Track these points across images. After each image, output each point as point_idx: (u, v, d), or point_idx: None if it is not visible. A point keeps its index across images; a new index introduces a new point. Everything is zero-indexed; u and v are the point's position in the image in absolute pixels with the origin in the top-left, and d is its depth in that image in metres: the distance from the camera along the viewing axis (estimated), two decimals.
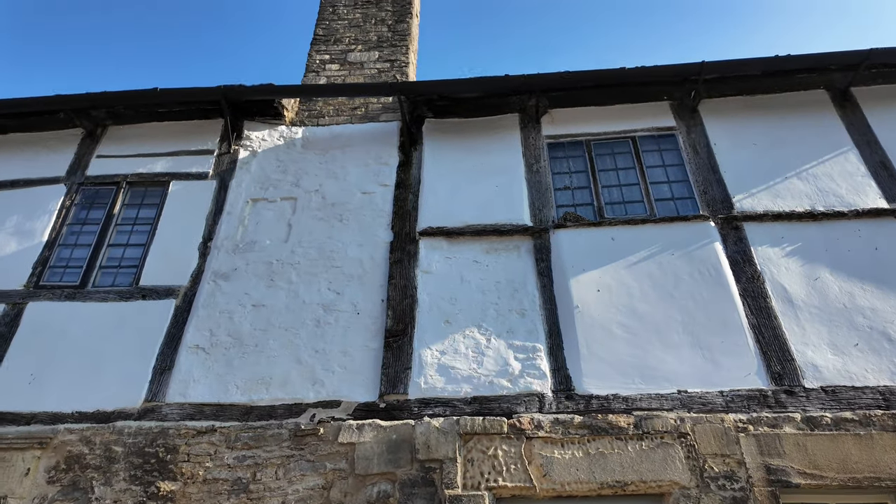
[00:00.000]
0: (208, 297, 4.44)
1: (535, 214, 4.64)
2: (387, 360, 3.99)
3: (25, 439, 3.86)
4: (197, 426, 3.83)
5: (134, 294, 4.52)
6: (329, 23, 6.56)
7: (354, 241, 4.67)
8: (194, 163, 5.26)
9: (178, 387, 4.02)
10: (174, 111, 5.43)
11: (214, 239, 4.79)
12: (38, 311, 4.48)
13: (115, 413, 3.95)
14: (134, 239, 4.93)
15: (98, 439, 3.84)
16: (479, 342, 3.99)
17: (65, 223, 5.01)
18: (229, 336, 4.24)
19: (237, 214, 4.92)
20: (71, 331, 4.36)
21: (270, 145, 5.39)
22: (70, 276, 4.72)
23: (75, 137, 5.53)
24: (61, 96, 5.27)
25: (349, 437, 3.63)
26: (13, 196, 5.18)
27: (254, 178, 5.16)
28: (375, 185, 5.01)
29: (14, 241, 4.88)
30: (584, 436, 3.51)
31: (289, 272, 4.54)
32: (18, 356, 4.26)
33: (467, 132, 5.31)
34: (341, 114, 5.65)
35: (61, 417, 3.97)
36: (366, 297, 4.36)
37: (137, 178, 5.22)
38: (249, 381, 4.01)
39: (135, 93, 5.24)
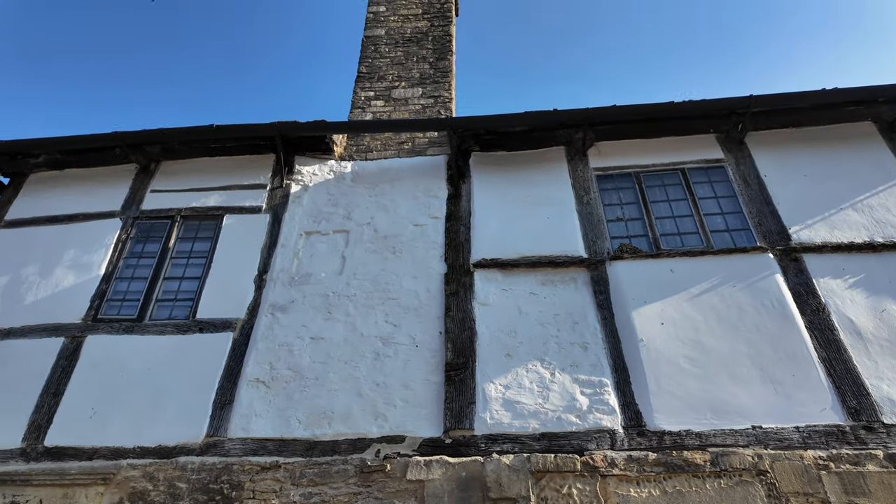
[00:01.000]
0: (266, 330, 4.46)
1: (590, 246, 4.65)
2: (449, 395, 3.95)
3: (88, 475, 3.84)
4: (261, 462, 3.79)
5: (191, 327, 4.55)
6: (372, 61, 6.74)
7: (409, 273, 4.69)
8: (247, 197, 5.35)
9: (239, 421, 3.99)
10: (227, 146, 5.57)
11: (270, 271, 4.84)
12: (96, 345, 4.52)
13: (178, 448, 3.93)
14: (189, 272, 4.99)
15: (161, 475, 3.80)
16: (543, 376, 3.95)
17: (121, 257, 5.09)
18: (289, 369, 4.23)
19: (291, 247, 4.98)
20: (130, 364, 4.38)
21: (321, 179, 5.49)
22: (127, 310, 4.77)
23: (129, 172, 5.67)
24: (118, 133, 5.43)
25: (417, 474, 3.57)
26: (71, 230, 5.28)
27: (306, 211, 5.24)
28: (426, 218, 5.07)
29: (72, 274, 4.96)
30: (660, 473, 3.43)
31: (345, 304, 4.55)
32: (79, 390, 4.28)
33: (513, 165, 5.38)
34: (389, 148, 5.76)
35: (123, 452, 3.95)
36: (423, 330, 4.35)
37: (192, 211, 5.31)
38: (311, 416, 3.98)
39: (190, 129, 5.39)
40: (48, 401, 4.23)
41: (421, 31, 7.03)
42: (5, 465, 3.97)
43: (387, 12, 7.29)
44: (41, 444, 4.03)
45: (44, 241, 5.23)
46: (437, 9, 7.27)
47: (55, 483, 3.85)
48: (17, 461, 3.98)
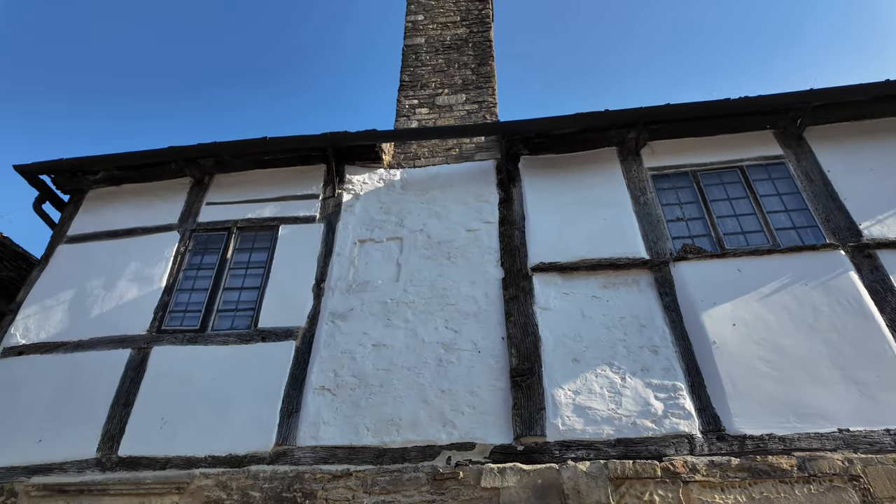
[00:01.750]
0: (328, 338, 4.48)
1: (651, 247, 4.56)
2: (518, 401, 3.90)
3: (163, 484, 3.89)
4: (332, 470, 3.79)
5: (254, 336, 4.59)
6: (414, 69, 6.79)
7: (466, 279, 4.67)
8: (301, 207, 5.41)
9: (308, 429, 4.01)
10: (279, 158, 5.64)
11: (327, 280, 4.87)
12: (162, 356, 4.59)
13: (248, 457, 3.96)
14: (248, 282, 5.05)
15: (234, 484, 3.83)
16: (614, 381, 3.88)
17: (181, 269, 5.19)
18: (354, 377, 4.24)
19: (347, 255, 5.01)
20: (195, 374, 4.44)
21: (371, 188, 5.52)
22: (190, 321, 4.85)
23: (184, 186, 5.79)
24: (174, 148, 5.55)
25: (492, 482, 3.53)
26: (131, 244, 5.40)
27: (359, 219, 5.27)
28: (479, 223, 5.05)
29: (135, 287, 5.06)
30: (745, 479, 3.32)
31: (404, 311, 4.55)
32: (148, 400, 4.35)
33: (564, 167, 5.34)
34: (436, 155, 5.77)
35: (195, 462, 3.99)
36: (485, 336, 4.32)
37: (247, 223, 5.39)
38: (379, 423, 3.97)
39: (243, 142, 5.48)
40: (119, 411, 4.31)
41: (460, 38, 7.05)
42: (82, 474, 4.05)
43: (425, 21, 7.34)
44: (115, 454, 4.10)
45: (105, 255, 5.36)
46: (475, 15, 7.29)
47: (131, 492, 3.91)
48: (94, 471, 4.05)
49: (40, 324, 4.96)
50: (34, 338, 4.88)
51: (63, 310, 5.02)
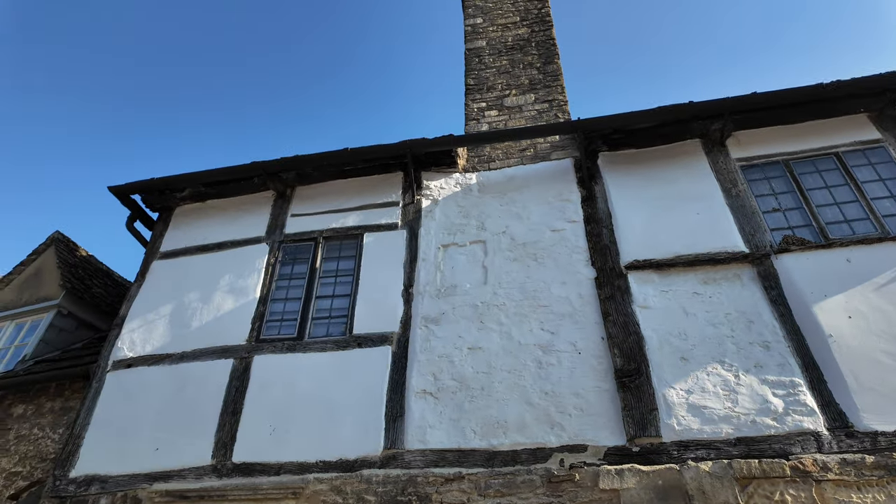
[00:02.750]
0: (424, 342, 4.54)
1: (748, 240, 4.44)
2: (627, 402, 3.86)
3: (279, 489, 4.02)
4: (444, 473, 3.84)
5: (350, 343, 4.69)
6: (478, 72, 6.81)
7: (556, 280, 4.65)
8: (382, 215, 5.50)
9: (415, 433, 4.07)
10: (358, 168, 5.75)
11: (415, 285, 4.93)
12: (263, 364, 4.74)
13: (359, 461, 4.04)
14: (339, 290, 5.17)
15: (348, 488, 3.93)
16: (727, 379, 3.79)
17: (272, 279, 5.35)
18: (454, 380, 4.28)
19: (432, 261, 5.06)
20: (298, 381, 4.57)
21: (449, 192, 5.56)
22: (287, 329, 4.99)
23: (268, 199, 5.97)
24: (257, 163, 5.73)
25: (610, 483, 3.50)
26: (222, 257, 5.60)
27: (439, 225, 5.32)
28: (563, 222, 5.02)
29: (231, 298, 5.25)
30: (883, 477, 3.19)
31: (496, 314, 4.57)
32: (255, 408, 4.50)
33: (646, 162, 5.25)
34: (511, 156, 5.77)
35: (307, 467, 4.10)
36: (583, 336, 4.29)
37: (332, 232, 5.52)
38: (485, 426, 4.00)
39: (324, 154, 5.61)
40: (228, 419, 4.47)
41: (522, 38, 7.04)
42: (200, 481, 4.22)
43: (484, 23, 7.36)
44: (230, 461, 4.26)
45: (199, 268, 5.58)
46: (535, 15, 7.27)
47: (249, 498, 4.06)
48: (211, 477, 4.22)
49: (145, 337, 5.20)
50: (140, 350, 5.12)
51: (164, 323, 5.25)
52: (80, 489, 4.43)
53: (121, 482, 4.38)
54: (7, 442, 5.62)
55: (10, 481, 5.32)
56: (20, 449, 5.51)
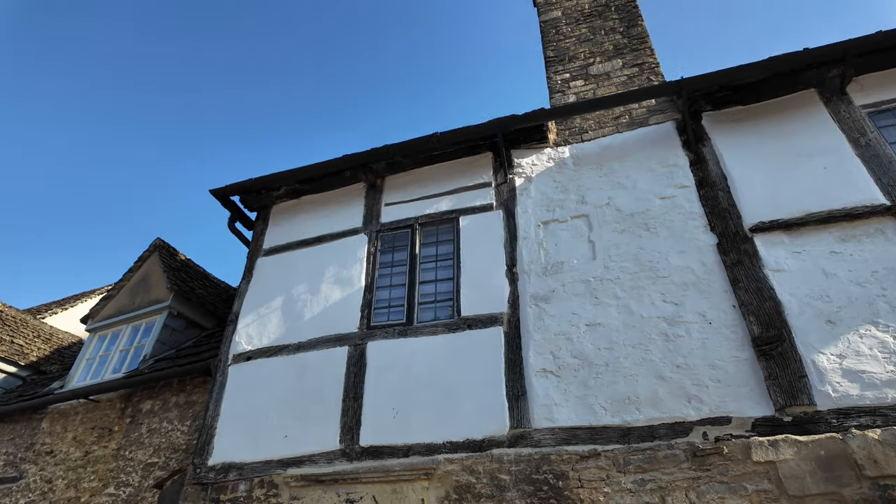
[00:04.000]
0: (536, 321, 4.46)
1: (888, 191, 4.07)
2: (770, 370, 3.63)
3: (410, 471, 4.08)
4: (578, 451, 3.77)
5: (460, 325, 4.69)
6: (556, 43, 6.60)
7: (673, 249, 4.44)
8: (476, 197, 5.45)
9: (541, 412, 4.01)
10: (446, 152, 5.72)
11: (519, 264, 4.86)
12: (377, 350, 4.82)
13: (486, 441, 4.04)
14: (441, 274, 5.18)
15: (481, 468, 3.93)
16: (885, 341, 3.49)
17: (374, 268, 5.42)
18: (574, 358, 4.18)
19: (533, 239, 4.96)
20: (413, 365, 4.61)
21: (542, 168, 5.43)
22: (395, 315, 5.05)
23: (360, 191, 6.05)
24: (348, 156, 5.81)
25: (765, 455, 3.31)
26: (323, 250, 5.74)
27: (535, 202, 5.20)
28: (672, 189, 4.79)
29: (337, 289, 5.37)
30: None
31: (611, 289, 4.42)
32: (375, 392, 4.58)
33: (756, 118, 4.91)
34: (604, 125, 5.56)
35: (435, 448, 4.14)
36: (711, 306, 4.08)
37: (427, 218, 5.52)
38: (615, 402, 3.88)
39: (413, 141, 5.61)
40: (351, 404, 4.58)
41: (600, 4, 6.75)
42: (332, 465, 4.35)
43: None
44: (358, 445, 4.37)
45: (302, 262, 5.74)
46: None
47: (381, 480, 4.14)
48: (341, 461, 4.34)
49: (260, 330, 5.41)
50: (257, 343, 5.33)
51: (276, 316, 5.45)
52: (220, 476, 4.67)
53: (256, 468, 4.59)
54: (141, 436, 6.04)
55: (147, 472, 5.70)
56: (153, 441, 5.90)
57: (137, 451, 5.91)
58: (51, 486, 6.30)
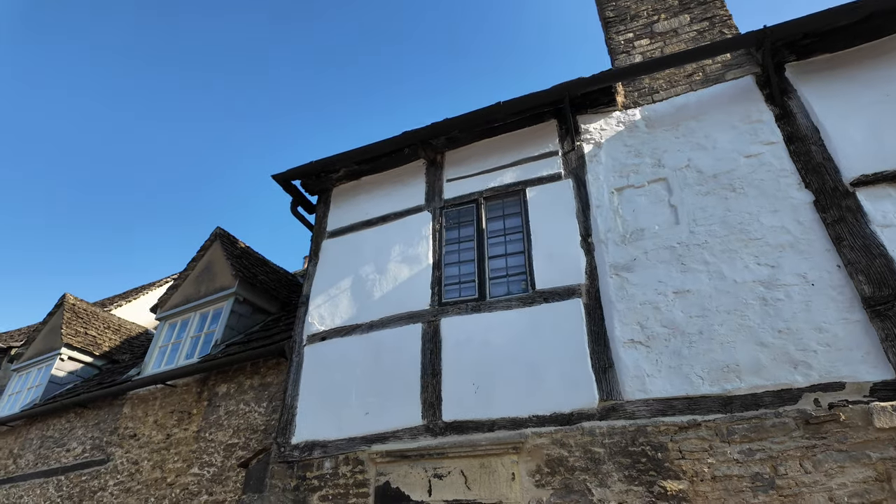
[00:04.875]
0: (619, 291, 4.30)
1: None
2: (887, 332, 3.37)
3: (498, 445, 4.02)
4: (676, 422, 3.62)
5: (536, 299, 4.57)
6: (615, 3, 6.28)
7: (765, 209, 4.18)
8: (542, 167, 5.28)
9: (632, 383, 3.88)
10: (508, 123, 5.55)
11: (594, 234, 4.68)
12: (451, 326, 4.76)
13: (575, 415, 3.94)
14: (510, 248, 5.06)
15: (572, 441, 3.84)
16: None
17: (441, 245, 5.35)
18: (664, 327, 4.01)
19: (607, 206, 4.77)
20: (491, 340, 4.53)
21: (611, 133, 5.20)
22: (466, 291, 4.97)
23: (419, 168, 5.96)
24: (407, 133, 5.72)
25: (889, 422, 3.09)
26: (387, 229, 5.70)
27: (607, 168, 4.99)
28: (758, 146, 4.50)
29: (405, 267, 5.32)
30: None
31: (699, 254, 4.21)
32: (453, 368, 4.53)
33: (846, 65, 4.54)
34: (676, 84, 5.27)
35: (520, 422, 4.07)
36: (813, 266, 3.82)
37: (492, 192, 5.39)
38: (712, 371, 3.71)
39: (474, 113, 5.46)
40: (430, 381, 4.55)
41: None
42: (416, 441, 4.34)
43: None
44: (440, 420, 4.34)
45: (368, 242, 5.72)
46: None
47: (468, 454, 4.11)
48: (425, 437, 4.33)
49: (332, 311, 5.44)
50: (330, 324, 5.37)
51: (347, 296, 5.46)
52: (304, 454, 4.75)
53: (340, 446, 4.64)
54: (219, 418, 6.21)
55: (229, 452, 5.87)
56: (232, 423, 6.06)
57: (217, 433, 6.10)
58: (137, 468, 6.58)
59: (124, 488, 6.51)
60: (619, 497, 3.53)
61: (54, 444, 7.99)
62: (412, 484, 4.20)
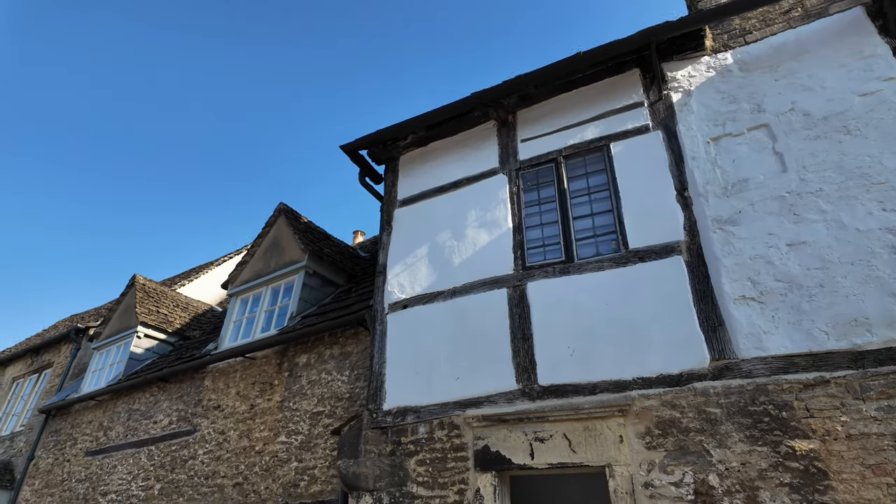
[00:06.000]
0: (724, 247, 4.07)
1: None
2: None
3: (602, 408, 3.92)
4: (800, 379, 3.43)
5: (630, 258, 4.38)
6: None
7: (887, 151, 3.83)
8: (627, 120, 5.01)
9: (748, 341, 3.68)
10: (586, 75, 5.28)
11: (690, 187, 4.43)
12: (539, 290, 4.65)
13: (685, 375, 3.78)
14: (596, 207, 4.86)
15: (684, 402, 3.70)
16: None
17: (520, 207, 5.19)
18: (779, 282, 3.78)
19: (703, 158, 4.49)
20: (584, 302, 4.39)
21: (702, 80, 4.87)
22: (552, 254, 4.83)
23: (489, 131, 5.78)
24: (476, 94, 5.51)
25: None
26: (461, 195, 5.58)
27: (700, 117, 4.69)
28: (874, 83, 4.11)
29: (484, 232, 5.21)
30: None
31: (812, 203, 3.91)
32: (545, 332, 4.43)
33: None
34: (771, 23, 4.86)
35: (625, 384, 3.95)
36: None
37: (572, 150, 5.17)
38: (838, 326, 3.47)
39: (550, 67, 5.21)
40: (521, 345, 4.47)
41: None
42: (513, 405, 4.29)
43: None
44: (536, 384, 4.27)
45: (442, 209, 5.62)
46: None
47: (570, 418, 4.03)
48: (523, 401, 4.27)
49: (411, 279, 5.40)
50: (410, 292, 5.34)
51: (425, 264, 5.40)
52: (397, 420, 4.78)
53: (433, 411, 4.64)
54: (302, 388, 6.34)
55: (315, 420, 6.00)
56: (315, 392, 6.18)
57: (301, 402, 6.24)
58: (225, 437, 6.84)
59: (214, 456, 6.78)
60: (742, 458, 3.39)
61: (141, 417, 8.40)
62: (513, 447, 4.17)
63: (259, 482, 6.05)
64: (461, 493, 4.23)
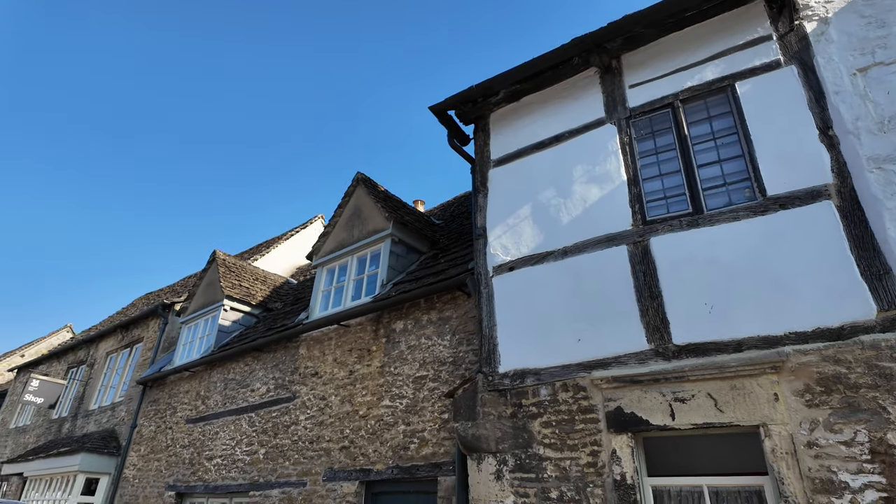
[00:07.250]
0: (885, 187, 3.67)
1: None
2: None
3: (751, 366, 3.69)
4: None
5: (769, 206, 4.05)
6: None
7: None
8: (753, 56, 4.57)
9: None
10: (701, 11, 4.84)
11: (836, 125, 4.01)
12: (665, 244, 4.39)
13: (847, 328, 3.48)
14: (724, 153, 4.50)
15: (850, 357, 3.42)
16: None
17: (634, 158, 4.89)
18: None
19: (850, 91, 4.04)
20: (717, 256, 4.12)
21: (839, 5, 4.36)
22: (676, 206, 4.54)
23: (590, 79, 5.44)
24: (576, 39, 5.18)
25: None
26: (564, 149, 5.31)
27: (841, 46, 4.21)
28: None
29: (594, 187, 4.95)
30: None
31: None
32: (676, 288, 4.20)
33: None
34: None
35: (775, 340, 3.69)
36: None
37: (690, 93, 4.79)
38: None
39: (662, 3, 4.79)
40: (650, 304, 4.26)
41: None
42: (645, 365, 4.12)
43: None
44: (671, 343, 4.06)
45: (542, 166, 5.39)
46: None
47: (714, 377, 3.82)
48: (657, 361, 4.09)
49: (515, 240, 5.24)
50: (516, 253, 5.18)
51: (528, 224, 5.22)
52: (515, 382, 4.71)
53: (554, 373, 4.53)
54: (402, 353, 6.37)
55: (419, 384, 6.02)
56: (416, 357, 6.19)
57: (402, 367, 6.28)
58: (326, 403, 7.01)
59: (317, 422, 6.98)
60: None
61: (238, 386, 8.75)
62: (649, 409, 4.01)
63: (367, 445, 6.19)
64: (594, 454, 4.14)
